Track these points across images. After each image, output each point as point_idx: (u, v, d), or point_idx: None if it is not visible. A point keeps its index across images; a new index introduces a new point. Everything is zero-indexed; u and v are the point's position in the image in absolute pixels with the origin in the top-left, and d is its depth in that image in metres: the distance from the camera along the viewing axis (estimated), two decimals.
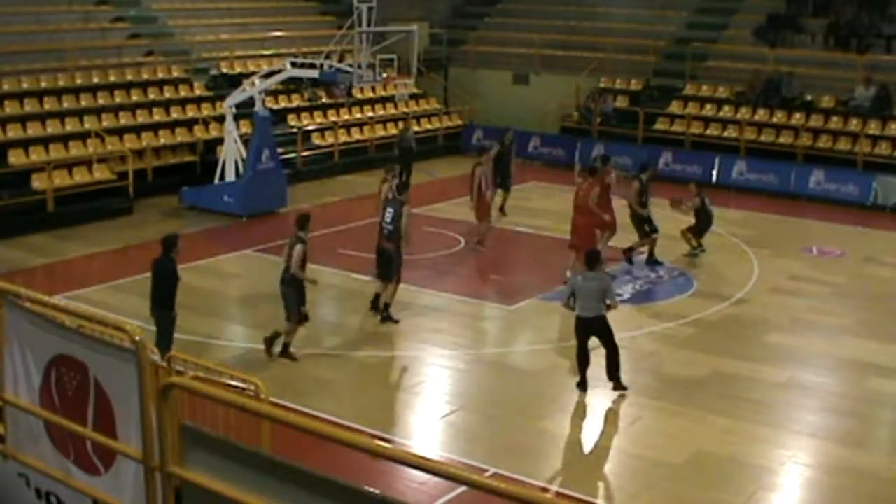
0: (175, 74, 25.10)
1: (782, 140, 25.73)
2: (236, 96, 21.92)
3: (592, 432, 11.89)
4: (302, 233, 13.20)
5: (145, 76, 24.57)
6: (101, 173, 21.22)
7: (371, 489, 4.26)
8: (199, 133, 23.89)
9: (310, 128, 26.10)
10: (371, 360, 13.70)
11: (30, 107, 21.97)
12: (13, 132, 21.19)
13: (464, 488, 8.50)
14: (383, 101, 28.40)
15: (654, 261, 17.90)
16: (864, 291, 17.07)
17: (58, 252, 18.41)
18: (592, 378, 12.56)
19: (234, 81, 24.78)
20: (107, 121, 22.75)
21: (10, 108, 21.63)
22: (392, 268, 14.74)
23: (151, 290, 12.19)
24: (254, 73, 23.98)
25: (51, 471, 5.46)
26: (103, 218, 20.43)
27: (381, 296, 15.00)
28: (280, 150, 22.66)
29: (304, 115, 26.59)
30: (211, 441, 4.76)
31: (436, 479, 7.96)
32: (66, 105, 22.51)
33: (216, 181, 21.65)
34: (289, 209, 21.86)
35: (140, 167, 22.15)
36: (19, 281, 14.56)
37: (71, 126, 22.11)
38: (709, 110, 27.34)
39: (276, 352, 13.31)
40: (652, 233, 17.90)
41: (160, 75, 24.80)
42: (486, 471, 10.24)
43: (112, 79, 23.75)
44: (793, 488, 10.71)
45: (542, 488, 10.13)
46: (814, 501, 10.56)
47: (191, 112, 24.30)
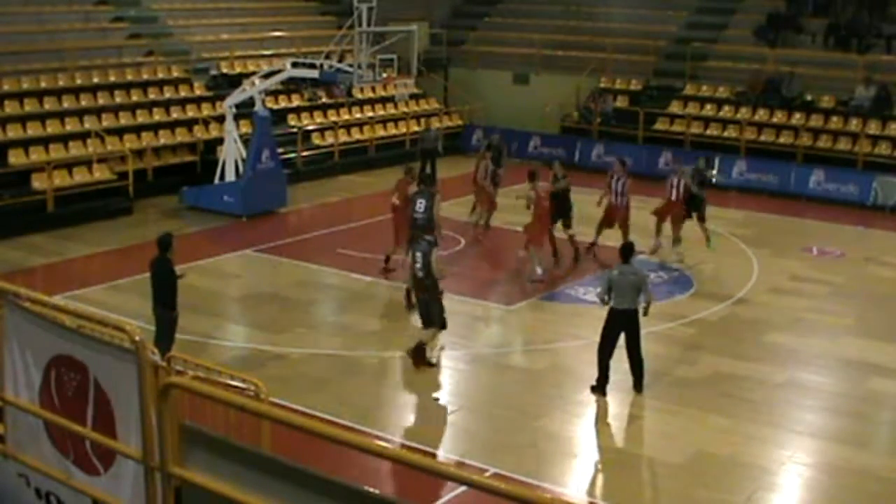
0: (175, 74, 25.10)
1: (782, 140, 25.74)
2: (236, 96, 21.92)
3: (592, 432, 11.89)
4: (430, 237, 13.28)
5: (145, 76, 24.56)
6: (101, 173, 21.23)
7: (371, 489, 4.26)
8: (199, 133, 23.89)
9: (310, 128, 26.10)
10: (371, 360, 13.70)
11: (30, 107, 21.96)
12: (13, 132, 21.19)
13: (464, 488, 8.51)
14: (383, 101, 28.41)
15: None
16: (864, 291, 17.07)
17: (58, 252, 18.41)
18: (591, 377, 12.57)
19: (234, 81, 24.79)
20: (107, 121, 22.76)
21: (10, 108, 21.62)
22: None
23: (153, 291, 12.18)
24: (254, 73, 23.98)
25: (51, 471, 5.46)
26: (103, 218, 20.43)
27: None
28: (280, 150, 22.66)
29: (304, 115, 26.59)
30: (211, 441, 4.76)
31: (436, 479, 7.96)
32: (66, 105, 22.50)
33: (216, 181, 21.65)
34: (289, 209, 21.89)
35: (140, 167, 22.15)
36: (19, 281, 14.56)
37: (71, 126, 22.11)
38: (709, 110, 27.34)
39: (433, 358, 13.25)
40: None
41: (160, 75, 24.80)
42: (486, 471, 10.25)
43: (112, 79, 23.75)
44: (793, 488, 10.71)
45: (541, 488, 10.14)
46: (814, 501, 10.56)
47: (191, 112, 24.30)
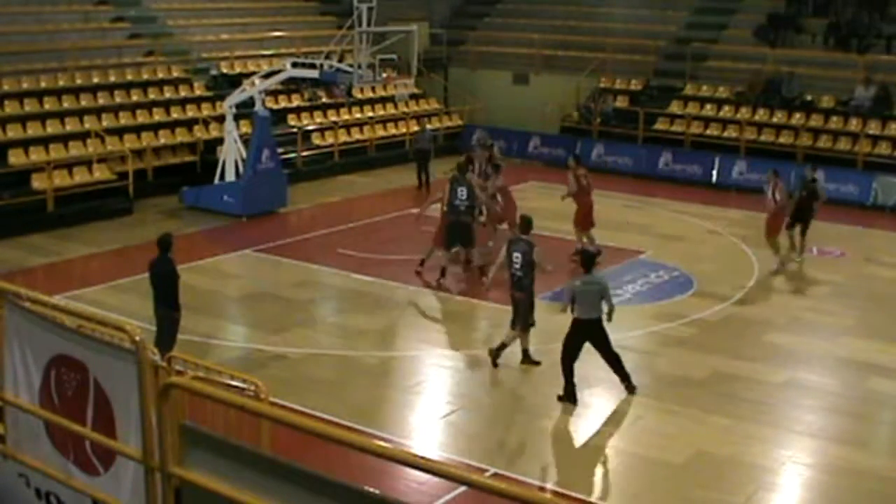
0: (175, 74, 25.10)
1: (782, 140, 25.73)
2: (236, 96, 21.92)
3: (592, 432, 11.88)
4: (527, 235, 13.21)
5: (145, 76, 24.57)
6: (101, 173, 21.23)
7: (371, 489, 4.26)
8: (199, 133, 23.89)
9: (310, 128, 26.10)
10: (371, 360, 13.70)
11: (30, 107, 21.96)
12: (13, 132, 21.19)
13: (464, 488, 8.51)
14: (383, 101, 28.39)
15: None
16: (864, 291, 17.07)
17: (58, 252, 18.41)
18: (591, 377, 12.58)
19: (234, 81, 24.79)
20: (107, 121, 22.76)
21: (10, 108, 21.63)
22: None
23: (154, 292, 12.17)
24: (254, 73, 23.98)
25: (51, 471, 5.46)
26: (103, 218, 20.44)
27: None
28: (280, 150, 22.65)
29: (304, 115, 26.59)
30: (211, 441, 4.75)
31: (436, 479, 7.95)
32: (66, 105, 22.50)
33: (216, 181, 21.65)
34: (289, 209, 21.89)
35: (140, 167, 22.15)
36: (19, 281, 14.56)
37: (71, 126, 22.12)
38: (709, 110, 27.33)
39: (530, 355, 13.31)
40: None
41: (160, 75, 24.80)
42: (486, 471, 10.25)
43: (112, 79, 23.75)
44: (793, 488, 10.71)
45: (540, 488, 10.14)
46: (813, 501, 10.56)
47: (191, 112, 24.30)
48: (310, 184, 24.28)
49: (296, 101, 26.82)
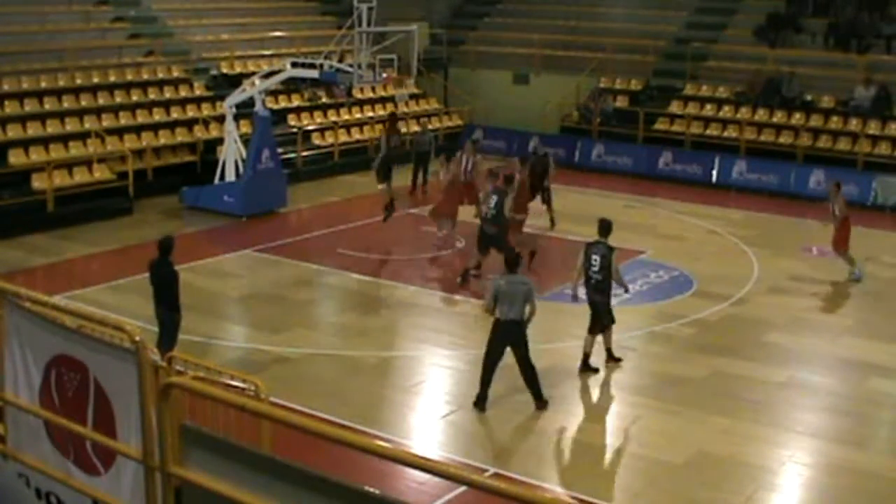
0: (175, 74, 25.09)
1: (782, 140, 25.73)
2: (236, 96, 21.91)
3: (592, 432, 11.89)
4: (605, 238, 13.07)
5: (145, 76, 24.56)
6: (101, 173, 21.22)
7: (371, 489, 4.26)
8: (199, 133, 23.88)
9: (310, 128, 26.10)
10: (371, 360, 13.70)
11: (30, 107, 21.96)
12: (13, 132, 21.18)
13: (464, 488, 8.51)
14: (383, 101, 28.40)
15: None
16: (864, 291, 17.07)
17: (58, 252, 18.41)
18: (590, 377, 12.56)
19: (234, 81, 24.77)
20: (107, 121, 22.75)
21: (10, 108, 21.61)
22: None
23: (154, 293, 12.15)
24: (254, 73, 23.97)
25: (51, 471, 5.46)
26: (103, 218, 20.43)
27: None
28: (280, 150, 22.65)
29: (304, 115, 26.58)
30: (211, 441, 4.76)
31: (436, 479, 7.95)
32: (66, 105, 22.49)
33: (216, 181, 21.64)
34: (289, 209, 21.88)
35: (140, 167, 22.14)
36: (19, 281, 14.57)
37: (71, 126, 22.11)
38: (709, 110, 27.33)
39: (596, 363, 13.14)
40: None
41: (160, 75, 24.79)
42: (486, 471, 10.26)
43: (112, 79, 23.74)
44: (792, 488, 10.71)
45: (541, 488, 10.13)
46: (813, 501, 10.56)
47: (191, 112, 24.30)
48: (310, 184, 24.28)
49: (296, 101, 26.82)
